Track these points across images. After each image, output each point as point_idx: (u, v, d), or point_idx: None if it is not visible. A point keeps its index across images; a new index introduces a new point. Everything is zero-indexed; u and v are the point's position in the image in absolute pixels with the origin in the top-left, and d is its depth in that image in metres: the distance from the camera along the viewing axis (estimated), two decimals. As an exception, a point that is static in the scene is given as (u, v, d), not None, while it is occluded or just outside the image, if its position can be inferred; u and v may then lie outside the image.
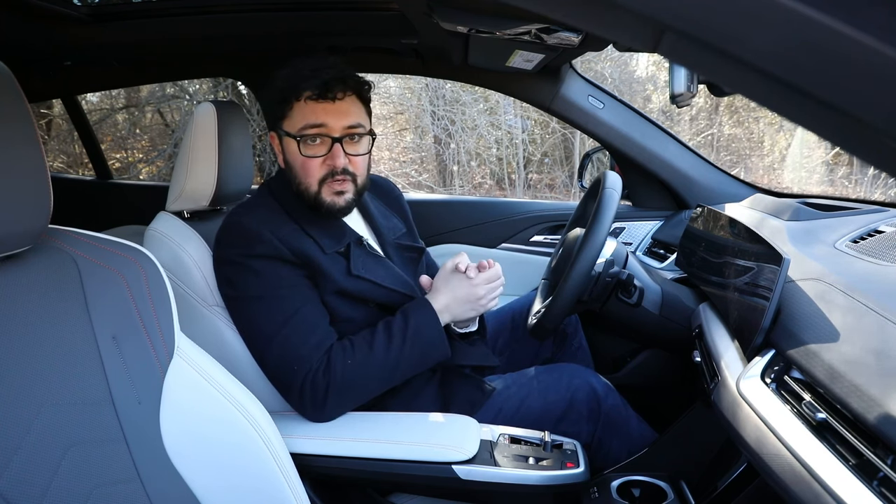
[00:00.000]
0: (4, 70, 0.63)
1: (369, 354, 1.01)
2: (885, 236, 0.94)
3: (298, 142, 1.04)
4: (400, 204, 1.34)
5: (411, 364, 1.05)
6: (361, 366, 1.00)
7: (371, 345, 1.02)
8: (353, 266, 1.07)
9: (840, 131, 0.33)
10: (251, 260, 1.02)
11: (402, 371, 1.05)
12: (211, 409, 0.74)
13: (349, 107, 1.05)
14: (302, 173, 1.07)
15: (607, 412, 1.14)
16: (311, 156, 1.05)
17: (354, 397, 1.03)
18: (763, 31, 0.30)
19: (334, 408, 1.01)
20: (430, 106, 5.41)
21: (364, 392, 1.04)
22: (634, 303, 1.23)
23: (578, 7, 0.38)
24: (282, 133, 1.07)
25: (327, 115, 1.03)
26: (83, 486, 0.64)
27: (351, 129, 1.05)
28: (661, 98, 5.90)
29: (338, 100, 1.04)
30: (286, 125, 1.06)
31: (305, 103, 1.03)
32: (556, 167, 5.81)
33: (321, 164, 1.05)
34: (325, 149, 1.05)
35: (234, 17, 1.40)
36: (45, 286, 0.68)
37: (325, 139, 1.04)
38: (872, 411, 0.56)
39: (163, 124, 5.65)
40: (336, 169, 1.05)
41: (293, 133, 1.05)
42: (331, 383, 0.98)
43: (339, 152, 1.04)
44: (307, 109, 1.03)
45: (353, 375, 1.00)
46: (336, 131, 1.04)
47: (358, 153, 1.08)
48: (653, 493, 0.98)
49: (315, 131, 1.04)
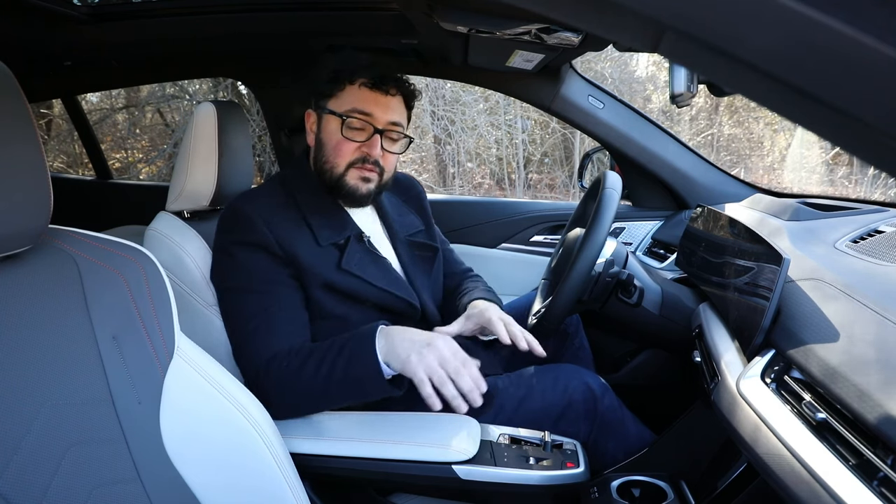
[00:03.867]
0: (4, 70, 0.63)
1: (300, 370, 0.96)
2: (885, 236, 0.94)
3: (343, 121, 1.06)
4: (420, 201, 1.34)
5: (345, 392, 0.95)
6: (292, 378, 0.96)
7: (305, 361, 0.96)
8: (345, 260, 1.07)
9: (840, 131, 0.33)
10: (238, 248, 1.03)
11: (335, 395, 0.96)
12: (211, 408, 0.74)
13: (397, 104, 1.09)
14: (333, 152, 1.08)
15: (603, 413, 1.14)
16: (350, 138, 1.07)
17: (297, 406, 1.00)
18: (763, 31, 0.30)
19: (279, 410, 0.94)
20: (430, 106, 5.41)
21: (303, 404, 0.99)
22: (634, 303, 1.23)
23: (578, 7, 0.38)
24: (325, 110, 1.08)
25: (377, 105, 1.06)
26: (83, 485, 0.64)
27: (394, 126, 1.09)
28: (661, 98, 5.90)
29: (389, 94, 1.07)
30: (332, 104, 1.08)
31: (359, 88, 1.06)
32: (556, 167, 5.81)
33: (356, 148, 1.07)
34: (365, 136, 1.07)
35: (234, 17, 1.40)
36: (46, 286, 0.68)
37: (368, 127, 1.07)
38: (872, 411, 0.56)
39: (163, 124, 5.65)
40: (370, 157, 1.07)
41: (339, 112, 1.06)
42: (269, 387, 0.96)
43: (376, 142, 1.07)
44: (359, 94, 1.06)
45: (286, 385, 0.96)
46: (380, 123, 1.07)
47: (393, 150, 1.11)
48: (653, 493, 0.98)
49: (362, 117, 1.06)
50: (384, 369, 0.93)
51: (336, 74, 1.07)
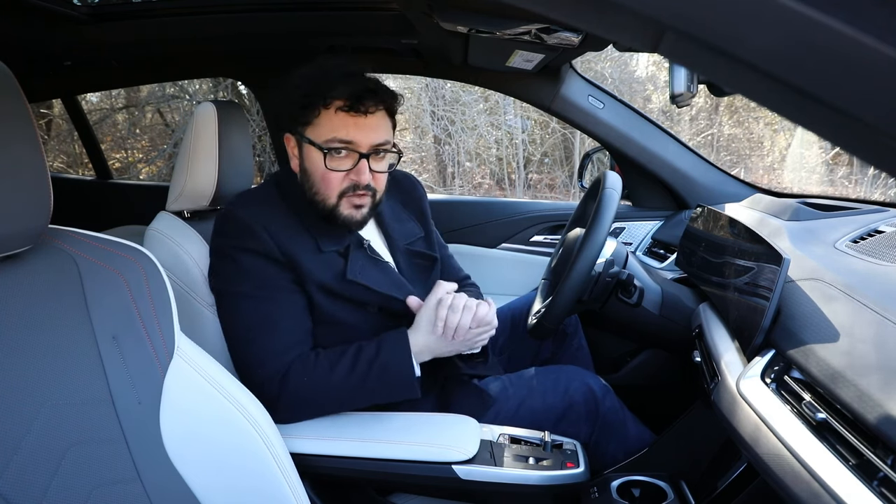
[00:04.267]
0: (4, 70, 0.63)
1: (328, 376, 0.98)
2: (885, 236, 0.94)
3: (325, 154, 0.99)
4: (420, 206, 1.27)
5: (372, 396, 1.01)
6: (317, 385, 0.98)
7: (334, 367, 0.98)
8: (350, 270, 1.05)
9: (840, 131, 0.33)
10: (238, 253, 1.01)
11: (360, 400, 1.01)
12: (211, 409, 0.74)
13: (379, 122, 1.01)
14: (322, 185, 1.02)
15: (604, 414, 1.14)
16: (335, 169, 1.01)
17: (308, 411, 1.01)
18: (763, 31, 0.30)
19: (284, 415, 0.98)
20: (430, 106, 5.41)
21: (318, 409, 1.02)
22: (634, 303, 1.23)
23: (578, 7, 0.38)
24: (304, 139, 1.02)
25: (357, 130, 0.99)
26: (83, 485, 0.64)
27: (378, 146, 1.02)
28: (661, 98, 5.90)
29: (369, 114, 0.99)
30: (310, 132, 1.01)
31: (335, 114, 0.98)
32: (556, 167, 5.81)
33: (344, 177, 1.02)
34: (350, 163, 1.01)
35: (234, 17, 1.40)
36: (46, 286, 0.68)
37: (351, 154, 1.00)
38: (872, 411, 0.56)
39: (163, 124, 5.65)
40: (359, 184, 1.02)
41: (319, 143, 1.00)
42: (282, 394, 0.97)
43: (364, 168, 1.01)
44: (336, 121, 0.98)
45: (306, 393, 0.98)
46: (364, 147, 1.00)
47: (382, 170, 1.05)
48: (653, 493, 0.98)
49: (343, 146, 0.99)
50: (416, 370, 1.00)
51: (307, 99, 0.99)
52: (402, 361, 1.00)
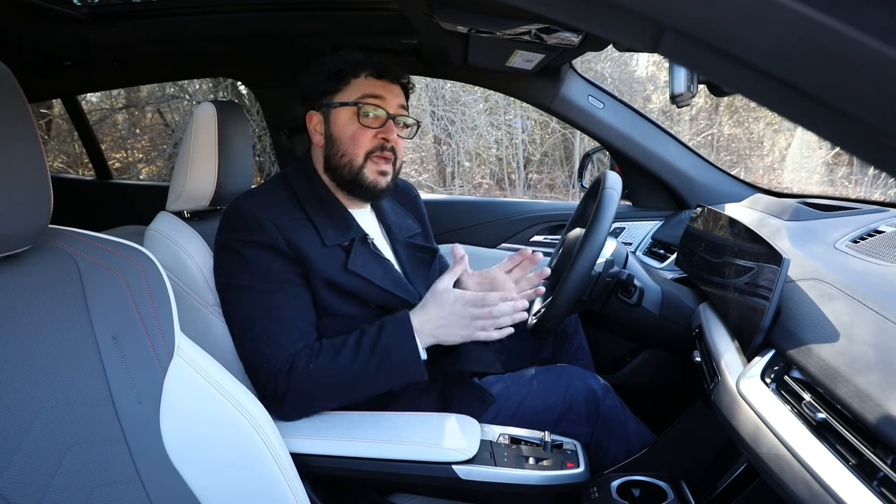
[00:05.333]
0: (4, 70, 0.63)
1: (332, 364, 0.98)
2: (885, 236, 0.94)
3: (359, 108, 1.08)
4: (416, 205, 1.35)
5: (377, 380, 0.99)
6: (322, 373, 0.98)
7: (337, 354, 0.99)
8: (352, 262, 1.07)
9: (840, 131, 0.33)
10: (245, 247, 1.03)
11: (366, 386, 1.00)
12: (211, 409, 0.74)
13: (401, 91, 1.14)
14: (350, 144, 1.09)
15: (605, 414, 1.14)
16: (367, 125, 1.08)
17: (314, 403, 1.01)
18: (763, 31, 0.30)
19: (292, 410, 0.99)
20: (430, 106, 5.41)
21: (324, 400, 1.01)
22: (634, 303, 1.23)
23: (578, 7, 0.38)
24: (332, 105, 1.10)
25: (386, 90, 1.10)
26: (83, 486, 0.64)
27: (403, 110, 1.13)
28: (661, 98, 5.90)
29: (394, 82, 1.11)
30: (340, 97, 1.10)
31: (365, 79, 1.09)
32: (556, 167, 5.81)
33: (373, 136, 1.09)
34: (379, 122, 1.10)
35: (234, 17, 1.40)
36: (45, 286, 0.68)
37: (379, 115, 1.09)
38: (872, 411, 0.56)
39: (163, 124, 5.65)
40: (387, 143, 1.09)
41: (351, 101, 1.09)
42: (290, 387, 0.97)
43: (392, 127, 1.10)
44: (366, 84, 1.09)
45: (312, 382, 0.98)
46: (392, 107, 1.10)
47: (404, 136, 1.15)
48: (653, 493, 0.98)
49: (374, 101, 1.09)
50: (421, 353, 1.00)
51: (337, 71, 1.10)
52: (405, 341, 0.99)
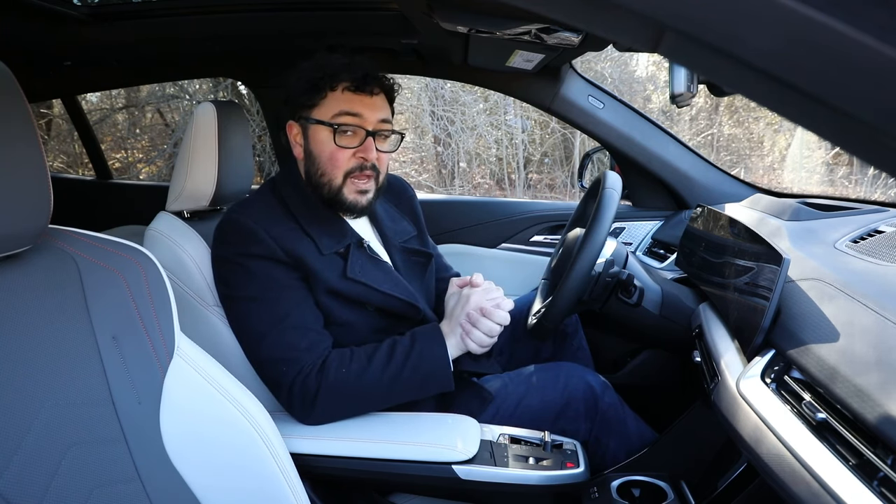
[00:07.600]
0: (4, 70, 0.63)
1: (366, 369, 0.99)
2: (885, 236, 0.94)
3: (335, 130, 1.03)
4: (412, 205, 1.32)
5: (408, 390, 1.02)
6: (355, 378, 0.98)
7: (370, 360, 1.00)
8: (350, 269, 1.06)
9: (840, 131, 0.33)
10: (245, 259, 1.02)
11: (397, 394, 1.02)
12: (211, 409, 0.74)
13: (382, 102, 1.07)
14: (328, 164, 1.05)
15: (604, 410, 1.14)
16: (344, 146, 1.04)
17: (344, 408, 1.02)
18: (763, 31, 0.30)
19: (323, 412, 0.99)
20: (430, 106, 5.41)
21: (354, 405, 1.02)
22: (634, 303, 1.22)
23: (578, 7, 0.38)
24: (310, 121, 1.05)
25: (364, 106, 1.04)
26: (83, 486, 0.64)
27: (383, 124, 1.07)
28: (661, 98, 5.90)
29: (374, 94, 1.05)
30: (317, 113, 1.05)
31: (342, 93, 1.03)
32: (556, 167, 5.81)
33: (351, 156, 1.05)
34: (357, 141, 1.05)
35: (234, 17, 1.40)
36: (45, 286, 0.68)
37: (358, 132, 1.04)
38: (872, 411, 0.56)
39: (163, 124, 5.65)
40: (366, 163, 1.05)
41: (327, 120, 1.03)
42: (322, 386, 0.97)
43: (371, 146, 1.05)
44: (343, 99, 1.03)
45: (344, 385, 0.98)
46: (370, 124, 1.04)
47: (385, 150, 1.09)
48: (653, 493, 0.98)
49: (351, 120, 1.03)
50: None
51: (313, 83, 1.04)
52: (437, 352, 1.02)
